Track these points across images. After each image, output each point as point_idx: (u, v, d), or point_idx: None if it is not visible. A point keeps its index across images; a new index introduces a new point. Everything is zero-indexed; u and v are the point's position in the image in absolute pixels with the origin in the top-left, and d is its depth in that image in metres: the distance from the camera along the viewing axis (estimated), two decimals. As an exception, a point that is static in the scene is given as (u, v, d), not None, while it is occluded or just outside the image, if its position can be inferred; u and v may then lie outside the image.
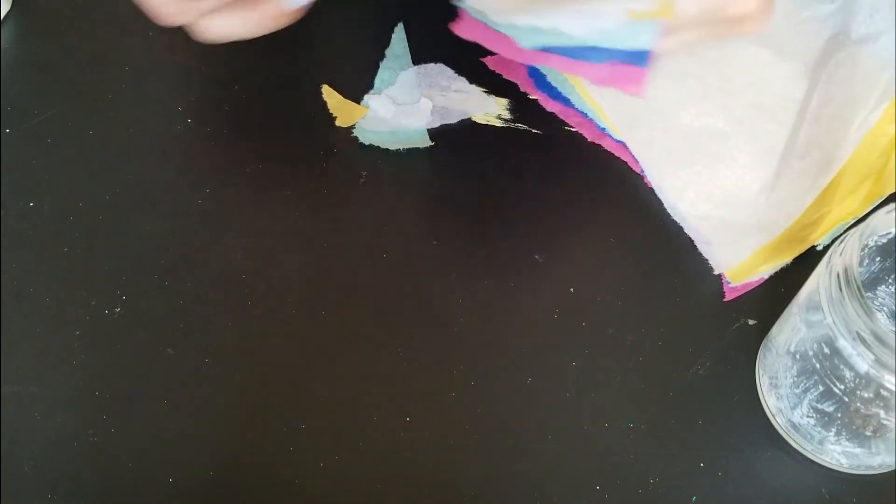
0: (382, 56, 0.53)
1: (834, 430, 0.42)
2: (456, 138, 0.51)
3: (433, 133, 0.51)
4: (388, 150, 0.51)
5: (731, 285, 0.48)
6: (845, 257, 0.38)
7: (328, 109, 0.52)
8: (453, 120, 0.52)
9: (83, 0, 0.56)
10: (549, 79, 0.53)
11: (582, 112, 0.52)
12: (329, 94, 0.52)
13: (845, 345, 0.39)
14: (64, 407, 0.44)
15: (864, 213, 0.49)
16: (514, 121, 0.53)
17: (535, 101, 0.53)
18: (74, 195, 0.49)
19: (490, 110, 0.53)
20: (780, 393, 0.44)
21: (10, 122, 0.51)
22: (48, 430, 0.43)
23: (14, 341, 0.45)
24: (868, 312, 0.37)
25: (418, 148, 0.51)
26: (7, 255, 0.47)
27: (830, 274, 0.39)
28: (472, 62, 0.53)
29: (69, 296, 0.46)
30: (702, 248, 0.49)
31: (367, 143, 0.51)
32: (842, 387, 0.40)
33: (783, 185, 0.50)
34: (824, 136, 0.51)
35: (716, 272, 0.48)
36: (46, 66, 0.53)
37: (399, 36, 0.54)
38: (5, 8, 0.54)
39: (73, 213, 0.49)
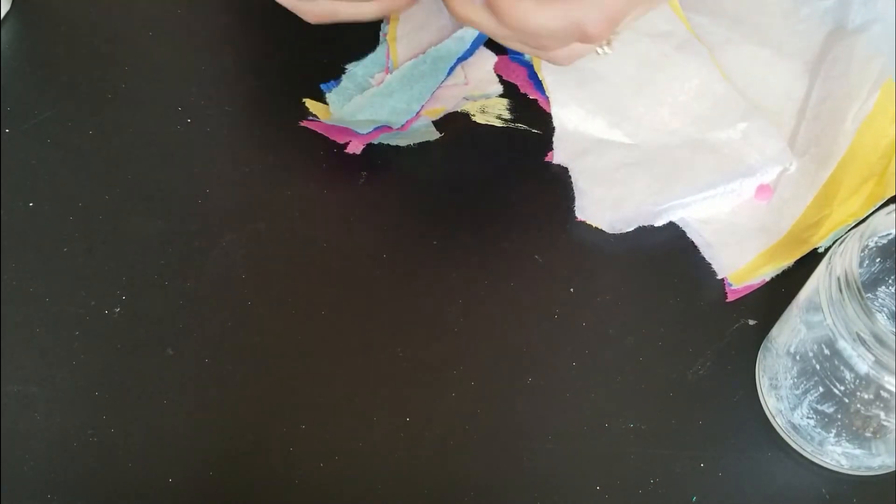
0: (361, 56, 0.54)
1: (834, 431, 0.42)
2: (456, 138, 0.51)
3: (441, 129, 0.52)
4: (393, 147, 0.51)
5: (732, 286, 0.48)
6: (845, 258, 0.38)
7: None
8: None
9: (83, 0, 0.56)
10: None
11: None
12: (315, 107, 0.52)
13: (845, 346, 0.39)
14: (64, 407, 0.44)
15: (866, 215, 0.49)
16: (514, 121, 0.53)
17: (534, 101, 0.53)
18: (74, 195, 0.49)
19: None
20: (780, 394, 0.44)
21: (10, 122, 0.51)
22: (48, 430, 0.43)
23: (14, 341, 0.45)
24: (868, 314, 0.37)
25: (419, 147, 0.51)
26: (7, 255, 0.47)
27: (830, 275, 0.39)
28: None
29: (69, 296, 0.46)
30: (705, 251, 0.49)
31: (376, 143, 0.51)
32: (842, 388, 0.40)
33: (784, 185, 0.50)
34: (822, 132, 0.51)
35: (719, 276, 0.48)
36: (46, 66, 0.53)
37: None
38: (5, 8, 0.54)
39: (73, 213, 0.49)
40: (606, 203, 0.49)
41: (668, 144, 0.50)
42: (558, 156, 0.51)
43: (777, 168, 0.50)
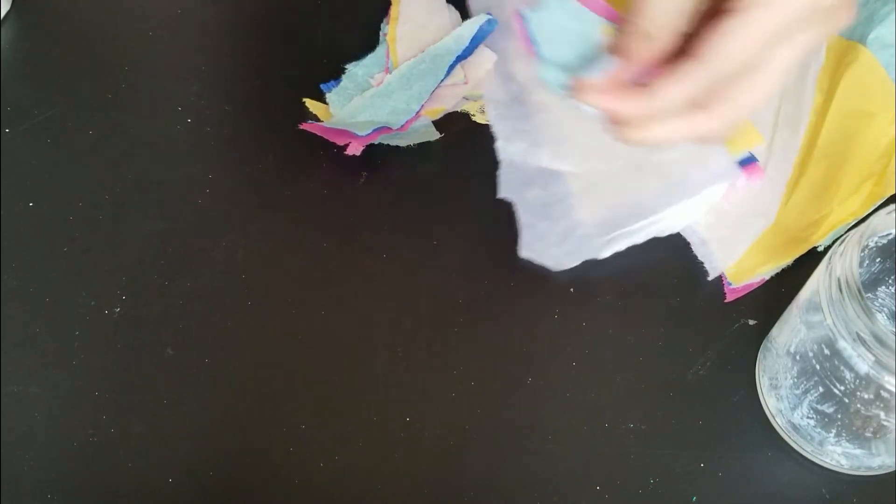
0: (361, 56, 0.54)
1: (834, 431, 0.42)
2: (456, 138, 0.51)
3: (441, 130, 0.52)
4: (393, 147, 0.51)
5: (731, 286, 0.48)
6: (845, 258, 0.38)
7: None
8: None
9: (83, 0, 0.56)
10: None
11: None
12: (315, 107, 0.52)
13: (845, 346, 0.39)
14: (64, 407, 0.44)
15: (866, 214, 0.49)
16: (514, 121, 0.53)
17: (534, 101, 0.53)
18: (74, 195, 0.49)
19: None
20: (780, 394, 0.44)
21: (10, 122, 0.51)
22: (48, 430, 0.43)
23: (14, 341, 0.45)
24: (868, 314, 0.37)
25: (419, 147, 0.51)
26: (7, 255, 0.47)
27: (830, 275, 0.39)
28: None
29: (69, 296, 0.46)
30: (698, 250, 0.49)
31: (375, 143, 0.51)
32: (842, 388, 0.40)
33: (772, 162, 0.50)
34: (793, 97, 0.51)
35: (710, 277, 0.48)
36: (46, 66, 0.53)
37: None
38: (5, 8, 0.54)
39: (73, 213, 0.49)
40: (551, 239, 0.48)
41: (613, 169, 0.50)
42: (503, 190, 0.49)
43: (723, 184, 0.48)
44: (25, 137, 0.51)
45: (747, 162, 0.49)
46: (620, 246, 0.48)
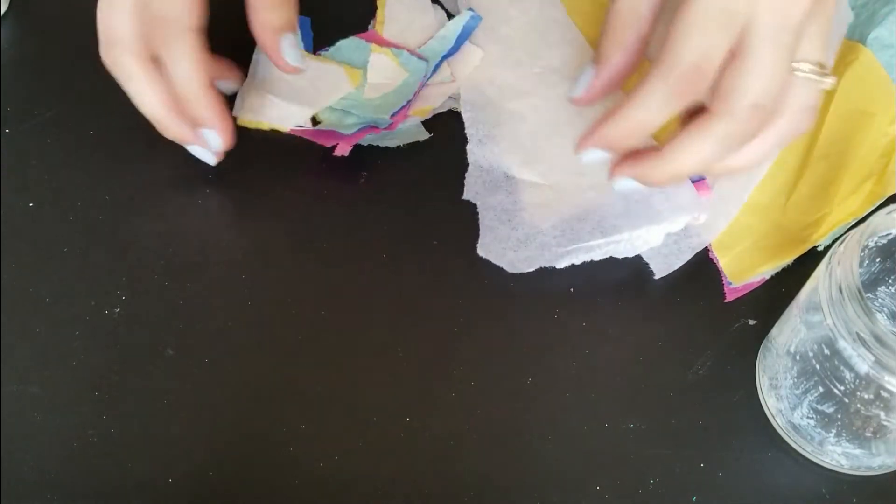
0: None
1: (834, 431, 0.42)
2: (456, 137, 0.51)
3: (433, 129, 0.52)
4: (387, 148, 0.51)
5: (731, 285, 0.48)
6: (845, 258, 0.38)
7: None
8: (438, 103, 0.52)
9: (83, 0, 0.56)
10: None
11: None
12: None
13: (845, 346, 0.39)
14: (64, 407, 0.44)
15: (866, 214, 0.49)
16: (514, 120, 0.53)
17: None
18: (74, 195, 0.49)
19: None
20: (780, 394, 0.44)
21: (10, 122, 0.51)
22: (48, 430, 0.43)
23: (14, 341, 0.45)
24: (868, 313, 0.37)
25: (418, 146, 0.51)
26: (7, 256, 0.47)
27: (830, 275, 0.39)
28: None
29: (69, 296, 0.46)
30: (644, 252, 0.48)
31: (365, 144, 0.51)
32: (842, 388, 0.40)
33: (722, 183, 0.49)
34: None
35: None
36: (46, 66, 0.53)
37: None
38: (4, 7, 0.54)
39: (73, 213, 0.49)
40: (510, 243, 0.48)
41: (579, 186, 0.49)
42: (469, 191, 0.50)
43: (685, 217, 0.48)
44: (25, 137, 0.51)
45: (696, 178, 0.49)
46: (577, 259, 0.48)
